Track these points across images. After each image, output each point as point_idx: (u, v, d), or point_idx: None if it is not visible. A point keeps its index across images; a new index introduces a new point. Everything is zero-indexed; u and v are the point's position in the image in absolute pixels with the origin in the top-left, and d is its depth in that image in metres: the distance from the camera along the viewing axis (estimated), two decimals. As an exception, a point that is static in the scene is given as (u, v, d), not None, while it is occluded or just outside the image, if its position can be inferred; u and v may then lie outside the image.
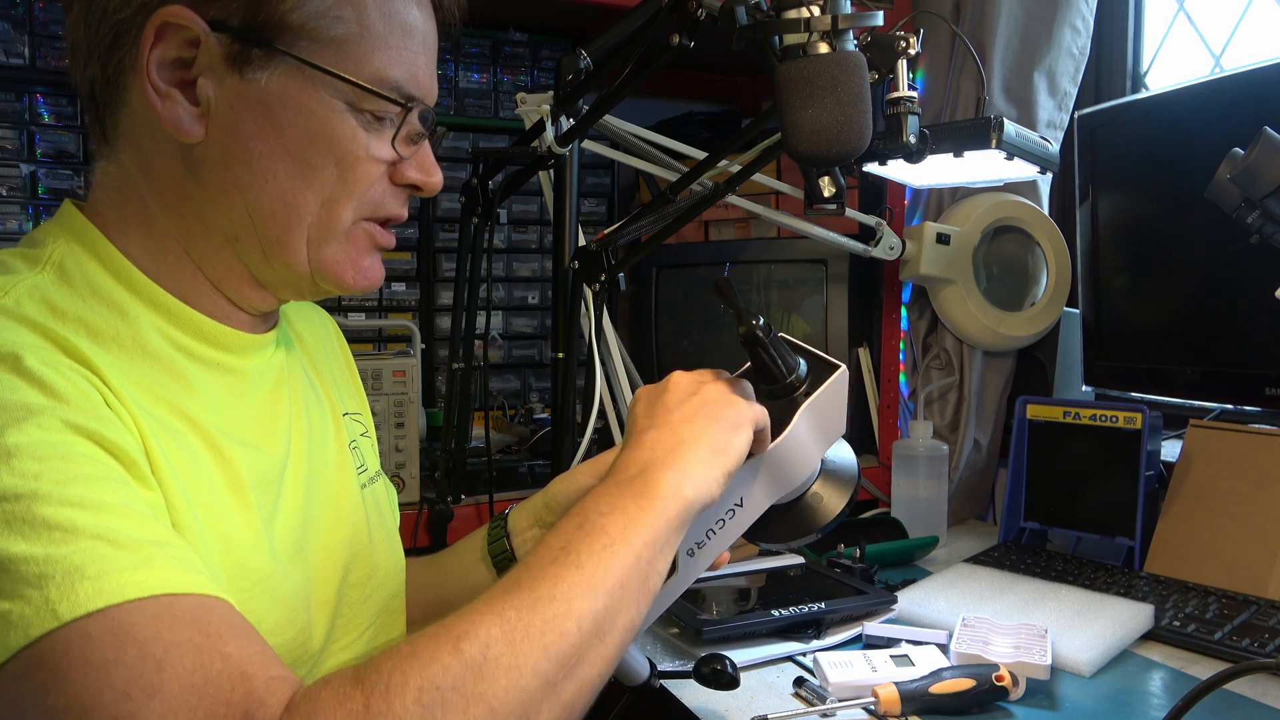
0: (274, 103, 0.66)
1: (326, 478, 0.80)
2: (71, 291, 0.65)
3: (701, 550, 0.76)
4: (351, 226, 0.71)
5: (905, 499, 1.49)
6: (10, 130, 1.46)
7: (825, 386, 0.75)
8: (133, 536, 0.53)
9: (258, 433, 0.72)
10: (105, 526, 0.53)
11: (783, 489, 0.77)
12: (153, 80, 0.64)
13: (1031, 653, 0.95)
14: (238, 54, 0.65)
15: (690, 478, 0.66)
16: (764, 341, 0.74)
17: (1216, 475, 1.24)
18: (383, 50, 0.68)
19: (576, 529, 0.61)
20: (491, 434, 1.50)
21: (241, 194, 0.67)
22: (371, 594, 0.82)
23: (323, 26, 0.66)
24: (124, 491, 0.56)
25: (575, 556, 0.59)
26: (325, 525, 0.77)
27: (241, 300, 0.72)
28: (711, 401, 0.71)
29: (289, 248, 0.69)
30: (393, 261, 1.68)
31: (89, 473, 0.54)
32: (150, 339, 0.66)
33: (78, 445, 0.55)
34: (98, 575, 0.51)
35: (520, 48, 1.74)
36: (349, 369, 0.95)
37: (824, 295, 1.66)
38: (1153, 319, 1.38)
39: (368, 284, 0.74)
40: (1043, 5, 1.51)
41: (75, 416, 0.56)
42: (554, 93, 1.18)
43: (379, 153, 0.70)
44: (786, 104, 0.79)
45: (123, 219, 0.69)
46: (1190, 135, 1.28)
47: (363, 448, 0.88)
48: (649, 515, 0.63)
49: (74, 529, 0.52)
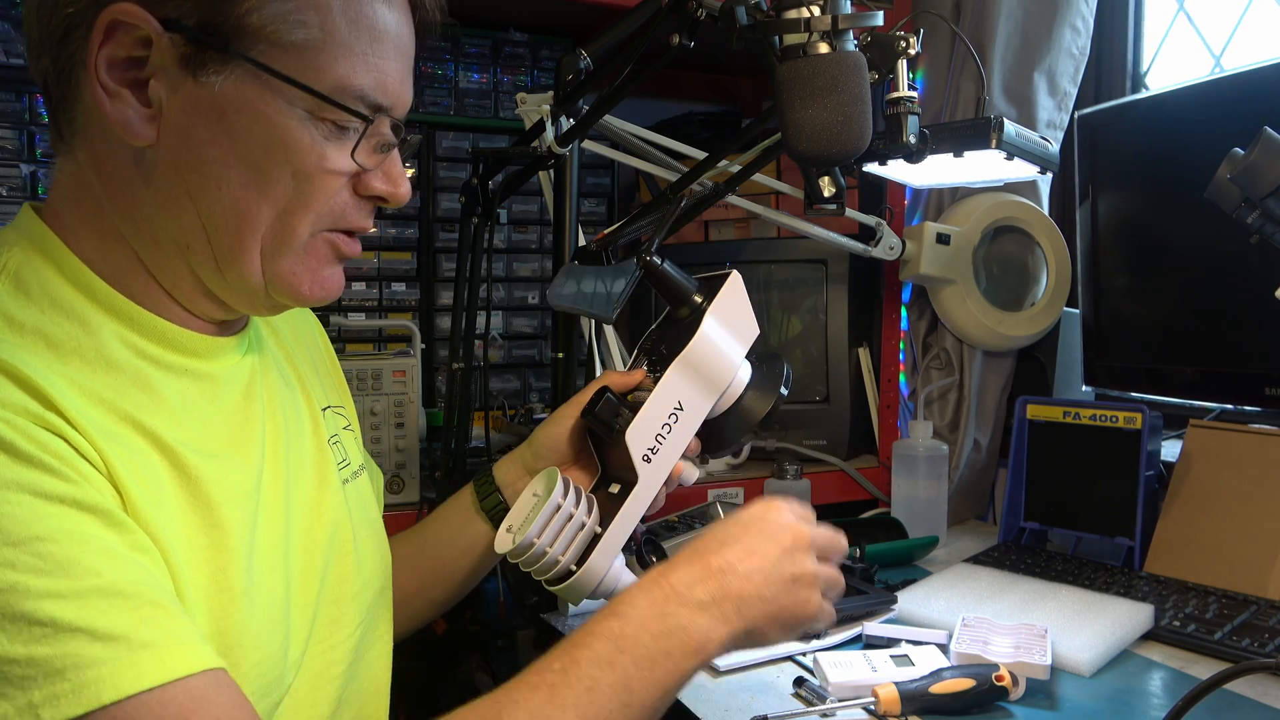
0: (229, 108, 0.63)
1: (304, 479, 0.78)
2: (29, 302, 0.62)
3: (656, 456, 0.85)
4: (310, 238, 0.69)
5: (905, 499, 1.49)
6: (10, 130, 1.46)
7: (724, 289, 0.87)
8: (113, 626, 0.53)
9: (230, 442, 0.70)
10: (85, 618, 0.52)
11: (714, 389, 0.87)
12: (101, 79, 0.62)
13: (1031, 653, 0.95)
14: (192, 56, 0.62)
15: (715, 639, 0.70)
16: (660, 267, 0.87)
17: (1216, 475, 1.24)
18: (347, 57, 0.65)
19: (608, 665, 0.66)
20: (491, 434, 1.50)
21: (193, 201, 0.65)
22: (360, 590, 0.81)
23: (283, 31, 0.63)
24: (101, 565, 0.54)
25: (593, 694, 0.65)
26: (304, 527, 0.76)
27: (195, 309, 0.70)
28: (796, 601, 0.75)
29: (242, 259, 0.67)
30: (393, 261, 1.68)
31: (64, 554, 0.53)
32: (113, 349, 0.64)
33: (50, 520, 0.54)
34: (76, 679, 0.51)
35: (520, 48, 1.74)
36: (330, 361, 0.93)
37: (824, 295, 1.66)
38: (1153, 319, 1.38)
39: (325, 296, 0.72)
40: (1043, 5, 1.51)
41: (43, 482, 0.54)
42: (554, 93, 1.18)
43: (339, 164, 0.67)
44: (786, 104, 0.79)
45: (78, 221, 0.66)
46: (1190, 135, 1.28)
47: (345, 441, 0.86)
48: (667, 668, 0.68)
49: (54, 624, 0.51)
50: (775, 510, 0.78)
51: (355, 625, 0.80)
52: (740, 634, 0.72)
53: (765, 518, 0.77)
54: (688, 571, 0.72)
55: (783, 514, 0.77)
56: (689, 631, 0.69)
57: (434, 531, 1.00)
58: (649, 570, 0.74)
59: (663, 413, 0.85)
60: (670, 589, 0.71)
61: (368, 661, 0.83)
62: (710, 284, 0.89)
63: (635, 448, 0.84)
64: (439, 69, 1.67)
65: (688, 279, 0.89)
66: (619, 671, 0.66)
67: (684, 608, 0.70)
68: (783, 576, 0.74)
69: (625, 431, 0.84)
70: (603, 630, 0.68)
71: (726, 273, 0.88)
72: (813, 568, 0.76)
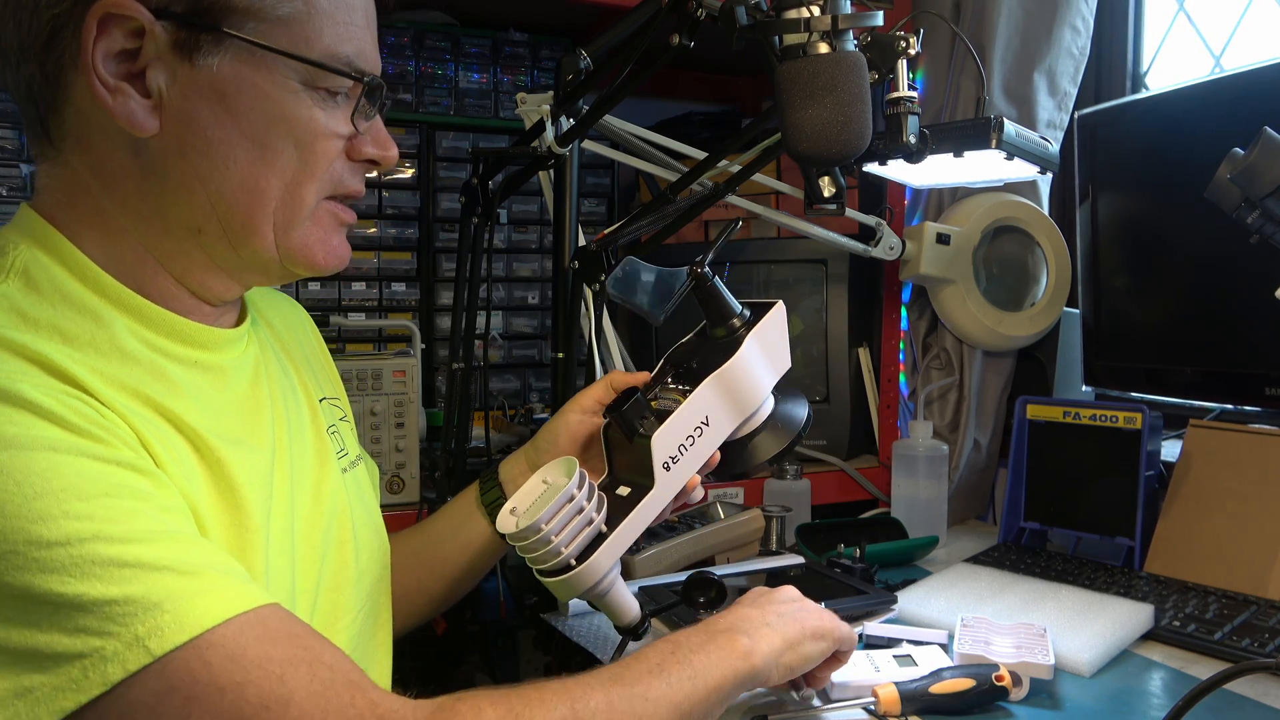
0: (228, 88, 0.65)
1: (306, 467, 0.79)
2: (40, 298, 0.63)
3: (676, 465, 0.85)
4: (315, 207, 0.71)
5: (905, 499, 1.49)
6: (10, 130, 1.46)
7: (767, 316, 0.90)
8: (192, 561, 0.57)
9: (244, 429, 0.72)
10: (167, 557, 0.56)
11: (742, 410, 0.89)
12: (100, 75, 0.62)
13: (1034, 652, 0.95)
14: (186, 40, 0.63)
15: (760, 651, 0.76)
16: (711, 282, 0.88)
17: (1216, 475, 1.24)
18: (331, 26, 0.67)
19: (670, 654, 0.72)
20: (491, 434, 1.50)
21: (202, 184, 0.66)
22: (358, 578, 0.82)
23: (269, 6, 0.65)
24: (163, 516, 0.58)
25: (666, 675, 0.70)
26: (305, 515, 0.77)
27: (206, 292, 0.71)
28: (806, 611, 0.83)
29: (256, 234, 0.68)
30: (393, 261, 1.68)
31: (130, 506, 0.57)
32: (126, 341, 0.65)
33: (110, 477, 0.57)
34: (175, 609, 0.55)
35: (520, 48, 1.74)
36: (323, 354, 0.94)
37: (824, 295, 1.66)
38: (1153, 319, 1.38)
39: (338, 263, 0.74)
40: (1043, 5, 1.51)
41: (90, 445, 0.57)
42: (554, 93, 1.18)
43: (336, 129, 0.70)
44: (786, 104, 0.79)
45: (75, 221, 0.67)
46: (1190, 135, 1.28)
47: (342, 432, 0.87)
48: (722, 667, 0.73)
49: (140, 564, 0.55)
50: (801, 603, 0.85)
51: (355, 613, 0.81)
52: (780, 647, 0.78)
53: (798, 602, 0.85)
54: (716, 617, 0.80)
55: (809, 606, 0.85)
56: (732, 638, 0.75)
57: (436, 527, 1.00)
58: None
59: (690, 425, 0.85)
60: (702, 624, 0.79)
61: (368, 650, 0.83)
62: (755, 310, 0.91)
63: (658, 454, 0.83)
64: (439, 69, 1.67)
65: (733, 301, 0.90)
66: (679, 659, 0.72)
67: (721, 631, 0.77)
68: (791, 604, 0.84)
69: (652, 437, 0.83)
70: (652, 645, 0.74)
71: (773, 302, 0.91)
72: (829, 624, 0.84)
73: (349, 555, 0.81)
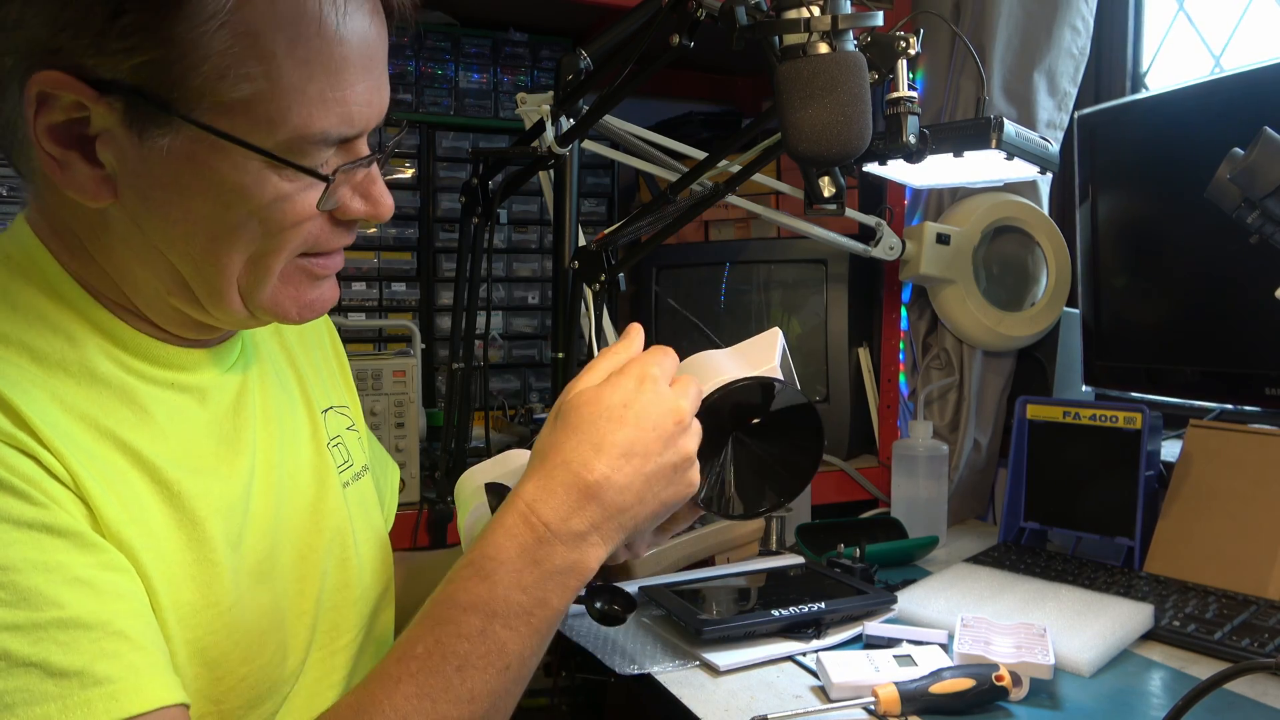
0: (182, 168, 0.59)
1: (300, 486, 0.77)
2: (14, 314, 0.61)
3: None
4: (286, 266, 0.65)
5: (905, 499, 1.49)
6: (10, 130, 1.45)
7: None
8: (73, 659, 0.53)
9: (217, 454, 0.69)
10: (41, 653, 0.52)
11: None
12: (46, 148, 0.58)
13: (1034, 652, 0.95)
14: (135, 116, 0.57)
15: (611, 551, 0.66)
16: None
17: (1216, 475, 1.24)
18: (301, 103, 0.59)
19: (479, 637, 0.61)
20: (491, 434, 1.50)
21: (166, 252, 0.62)
22: (361, 595, 0.81)
23: (225, 88, 0.57)
24: (68, 592, 0.54)
25: (464, 673, 0.61)
26: (299, 535, 0.75)
27: (185, 333, 0.68)
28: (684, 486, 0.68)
29: (223, 300, 0.64)
30: (393, 261, 1.68)
31: (29, 584, 0.53)
32: (98, 364, 0.63)
33: (16, 548, 0.53)
34: (27, 717, 0.51)
35: (520, 48, 1.74)
36: (338, 360, 0.92)
37: (824, 295, 1.66)
38: (1152, 319, 1.38)
39: (315, 315, 0.70)
40: (1043, 5, 1.51)
41: (11, 507, 0.54)
42: (554, 93, 1.18)
43: (307, 210, 0.63)
44: (786, 104, 0.79)
45: (57, 243, 0.64)
46: (1190, 135, 1.28)
47: (348, 442, 0.85)
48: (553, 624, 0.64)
49: (9, 658, 0.51)
50: (652, 386, 0.68)
51: (357, 630, 0.80)
52: (619, 548, 0.67)
53: (640, 401, 0.67)
54: (561, 500, 0.64)
55: (660, 391, 0.68)
56: (567, 574, 0.64)
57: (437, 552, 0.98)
58: (511, 498, 0.66)
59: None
60: (542, 528, 0.64)
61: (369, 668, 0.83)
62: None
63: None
64: (439, 69, 1.67)
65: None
66: (490, 640, 0.61)
67: (561, 546, 0.63)
68: (664, 472, 0.67)
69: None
70: (468, 600, 0.62)
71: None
72: (693, 446, 0.68)
73: (351, 574, 0.80)
